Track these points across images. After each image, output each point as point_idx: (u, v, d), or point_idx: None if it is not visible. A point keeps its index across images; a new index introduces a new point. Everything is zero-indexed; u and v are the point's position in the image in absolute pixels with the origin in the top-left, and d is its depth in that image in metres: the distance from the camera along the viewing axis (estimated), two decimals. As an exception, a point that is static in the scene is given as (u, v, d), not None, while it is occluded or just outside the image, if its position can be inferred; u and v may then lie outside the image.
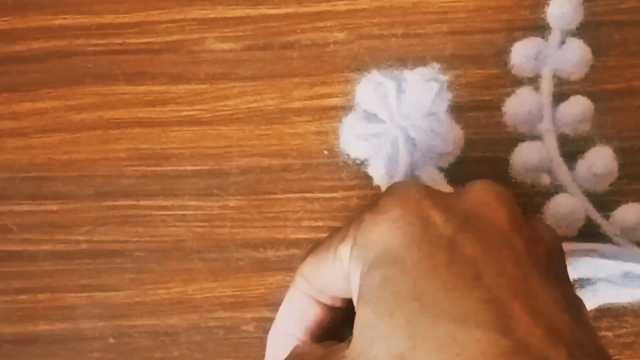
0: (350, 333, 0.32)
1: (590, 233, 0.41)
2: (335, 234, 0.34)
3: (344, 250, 0.33)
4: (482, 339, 0.29)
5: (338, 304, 0.36)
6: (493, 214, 0.32)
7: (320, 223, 0.41)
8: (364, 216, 0.33)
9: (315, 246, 0.36)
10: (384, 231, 0.31)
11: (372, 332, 0.30)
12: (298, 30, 0.42)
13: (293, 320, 0.36)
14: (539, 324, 0.29)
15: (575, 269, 0.40)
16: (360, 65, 0.42)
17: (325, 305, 0.36)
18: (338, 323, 0.36)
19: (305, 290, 0.36)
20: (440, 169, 0.41)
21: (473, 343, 0.29)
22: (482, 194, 0.33)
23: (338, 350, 0.32)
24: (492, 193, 0.33)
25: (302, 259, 0.36)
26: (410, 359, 0.29)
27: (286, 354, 0.35)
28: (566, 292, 0.31)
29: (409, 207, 0.32)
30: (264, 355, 0.40)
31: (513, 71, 0.41)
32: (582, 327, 0.30)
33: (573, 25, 0.41)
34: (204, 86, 0.42)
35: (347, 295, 0.34)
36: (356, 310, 0.32)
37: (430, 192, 0.33)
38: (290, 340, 0.36)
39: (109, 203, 0.42)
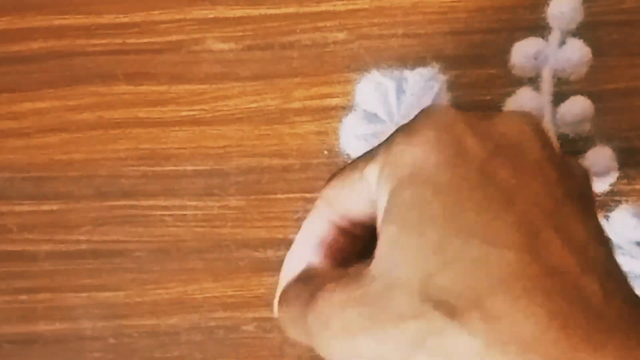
0: (367, 263, 0.31)
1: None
2: (363, 156, 0.34)
3: (372, 170, 0.32)
4: (514, 261, 0.28)
5: (358, 231, 0.35)
6: (528, 142, 0.32)
7: (320, 223, 0.41)
8: (395, 137, 0.32)
9: (340, 169, 0.35)
10: (416, 151, 0.31)
11: (399, 250, 0.30)
12: (298, 30, 0.42)
13: (310, 244, 0.35)
14: (571, 251, 0.29)
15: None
16: (360, 65, 0.42)
17: (345, 231, 0.35)
18: (356, 253, 0.35)
19: (326, 214, 0.35)
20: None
21: (504, 265, 0.28)
22: (518, 122, 0.32)
23: (356, 271, 0.31)
24: (528, 122, 0.32)
25: (326, 182, 0.35)
26: (438, 278, 0.29)
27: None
28: (597, 226, 0.31)
29: (443, 129, 0.31)
30: (264, 355, 0.40)
31: (513, 71, 0.41)
32: (612, 260, 0.30)
33: (573, 25, 0.41)
34: (204, 86, 0.42)
35: (369, 220, 0.34)
36: (380, 229, 0.31)
37: (465, 116, 0.32)
38: (305, 265, 0.35)
39: (109, 203, 0.42)
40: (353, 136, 0.41)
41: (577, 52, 0.41)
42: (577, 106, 0.41)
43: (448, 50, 0.41)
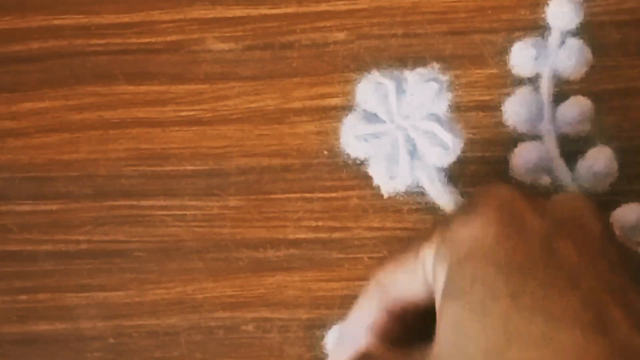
0: (421, 350, 0.31)
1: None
2: (417, 237, 0.34)
3: (428, 249, 0.32)
4: (581, 339, 0.28)
5: (409, 317, 0.35)
6: (587, 222, 0.32)
7: (320, 223, 0.41)
8: (453, 217, 0.32)
9: (393, 252, 0.35)
10: (476, 227, 0.31)
11: (462, 328, 0.30)
12: (298, 30, 0.42)
13: (361, 330, 0.35)
14: (639, 328, 0.29)
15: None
16: (360, 65, 0.42)
17: (396, 317, 0.35)
18: (406, 341, 0.35)
19: (378, 297, 0.35)
20: (440, 169, 0.41)
21: (571, 343, 0.28)
22: (576, 202, 0.32)
23: (418, 352, 0.31)
24: (583, 204, 0.32)
25: (379, 264, 0.35)
26: (503, 356, 0.29)
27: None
28: None
29: (503, 206, 0.31)
30: (264, 355, 0.40)
31: (513, 71, 0.41)
32: None
33: (573, 25, 0.41)
34: (204, 86, 0.42)
35: (422, 303, 0.33)
36: (440, 309, 0.31)
37: (524, 195, 0.32)
38: (356, 349, 0.35)
39: (109, 203, 0.42)
40: (353, 136, 0.41)
41: (577, 52, 0.41)
42: (577, 106, 0.41)
43: (448, 50, 0.41)
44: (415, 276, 0.33)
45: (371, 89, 0.41)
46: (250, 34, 0.42)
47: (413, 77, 0.41)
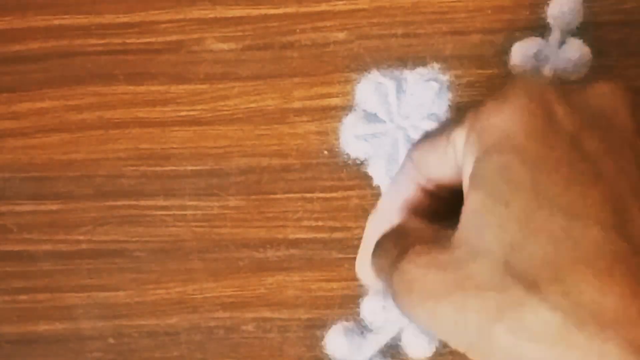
0: (452, 226, 0.31)
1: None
2: (451, 120, 0.34)
3: (459, 134, 0.32)
4: (598, 237, 0.28)
5: (444, 194, 0.35)
6: (618, 115, 0.31)
7: (320, 223, 0.41)
8: (484, 103, 0.32)
9: (428, 132, 0.35)
10: (505, 118, 0.31)
11: (483, 218, 0.30)
12: (298, 30, 0.42)
13: (396, 205, 0.35)
14: None
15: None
16: (360, 65, 0.42)
17: (430, 193, 0.35)
18: (441, 214, 0.35)
19: (412, 175, 0.35)
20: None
21: (589, 240, 0.28)
22: (608, 94, 0.32)
23: (444, 235, 0.31)
24: (618, 95, 0.32)
25: (415, 143, 0.35)
26: (521, 250, 0.29)
27: None
28: None
29: (534, 97, 0.31)
30: (264, 355, 0.40)
31: (513, 71, 0.41)
32: None
33: (573, 25, 0.41)
34: (204, 86, 0.42)
35: (455, 184, 0.33)
36: (466, 195, 0.31)
37: (556, 86, 0.32)
38: (390, 224, 0.35)
39: (109, 203, 0.42)
40: (353, 136, 0.41)
41: (577, 52, 0.41)
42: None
43: (448, 50, 0.41)
44: (447, 158, 0.33)
45: (371, 89, 0.41)
46: (250, 34, 0.42)
47: (413, 77, 0.41)
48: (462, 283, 0.29)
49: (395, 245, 0.33)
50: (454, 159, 0.33)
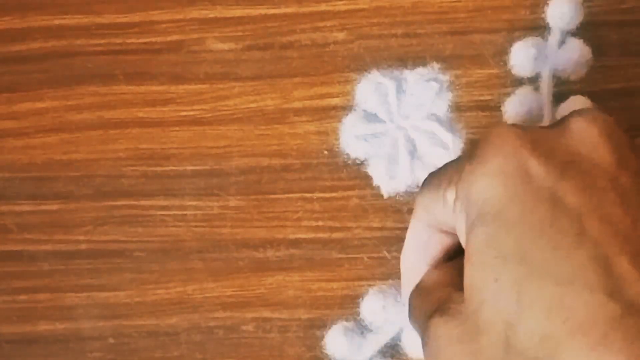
0: None
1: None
2: (442, 174, 0.33)
3: (450, 195, 0.32)
4: (590, 301, 0.28)
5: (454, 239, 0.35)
6: (597, 150, 0.30)
7: (320, 223, 0.41)
8: (463, 165, 0.32)
9: (430, 177, 0.35)
10: (484, 185, 0.30)
11: (480, 293, 0.30)
12: (298, 30, 0.42)
13: (418, 251, 0.35)
14: None
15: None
16: (360, 65, 0.42)
17: (448, 233, 0.35)
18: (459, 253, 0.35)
19: (426, 220, 0.35)
20: (440, 169, 0.41)
21: (581, 306, 0.28)
22: (584, 130, 0.31)
23: (458, 299, 0.31)
24: (594, 127, 0.31)
25: (421, 187, 0.35)
26: (518, 325, 0.28)
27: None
28: None
29: (507, 157, 0.30)
30: (264, 355, 0.40)
31: (513, 71, 0.41)
32: None
33: (573, 25, 0.41)
34: (204, 86, 0.42)
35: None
36: (464, 262, 0.31)
37: (530, 136, 0.31)
38: (419, 271, 0.35)
39: (109, 203, 0.42)
40: (353, 136, 0.41)
41: (577, 52, 0.41)
42: (577, 106, 0.41)
43: (448, 50, 0.41)
44: (445, 212, 0.33)
45: (371, 89, 0.41)
46: (250, 34, 0.42)
47: (413, 77, 0.41)
48: (476, 356, 0.30)
49: (421, 308, 0.33)
50: (451, 215, 0.33)
